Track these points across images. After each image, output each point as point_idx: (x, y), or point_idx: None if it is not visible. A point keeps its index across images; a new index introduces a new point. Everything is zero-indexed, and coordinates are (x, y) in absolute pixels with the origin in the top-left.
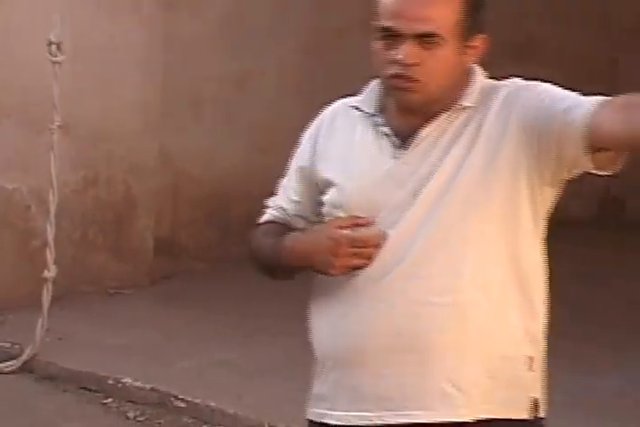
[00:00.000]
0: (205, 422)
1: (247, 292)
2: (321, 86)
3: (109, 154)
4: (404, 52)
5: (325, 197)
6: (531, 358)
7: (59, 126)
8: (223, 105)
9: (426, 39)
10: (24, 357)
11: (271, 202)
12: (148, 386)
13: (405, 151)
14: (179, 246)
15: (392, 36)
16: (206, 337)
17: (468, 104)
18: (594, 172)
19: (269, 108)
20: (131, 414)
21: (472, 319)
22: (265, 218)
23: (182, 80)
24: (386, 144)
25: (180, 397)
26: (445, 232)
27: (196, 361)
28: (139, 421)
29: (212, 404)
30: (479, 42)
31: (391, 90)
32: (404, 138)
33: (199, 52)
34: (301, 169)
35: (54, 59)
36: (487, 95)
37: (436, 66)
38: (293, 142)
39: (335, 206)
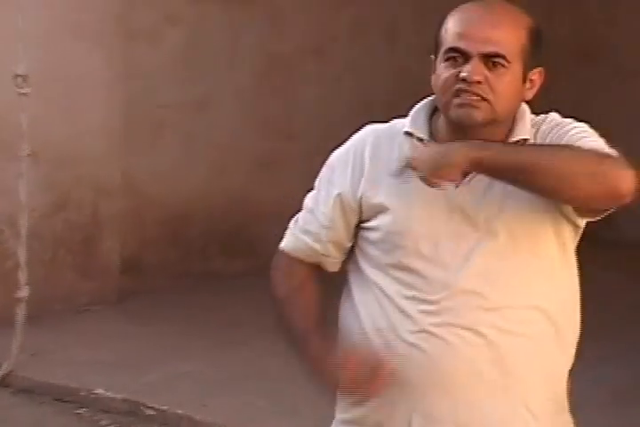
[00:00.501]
0: None
1: (209, 306)
2: (276, 111)
3: (77, 178)
4: (470, 68)
5: (379, 223)
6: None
7: (28, 155)
8: (183, 130)
9: (492, 59)
10: (1, 372)
11: (299, 226)
12: (119, 396)
13: (465, 179)
14: (143, 265)
15: (458, 57)
16: (172, 349)
17: (525, 137)
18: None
19: (227, 132)
20: (103, 423)
21: (543, 348)
22: (291, 246)
23: (143, 106)
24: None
25: (150, 405)
26: (514, 263)
27: (164, 372)
28: None
29: (180, 411)
30: (537, 75)
31: (453, 108)
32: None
33: (159, 80)
34: (340, 195)
35: (21, 91)
36: (537, 128)
37: (500, 87)
38: (250, 164)
39: (394, 233)
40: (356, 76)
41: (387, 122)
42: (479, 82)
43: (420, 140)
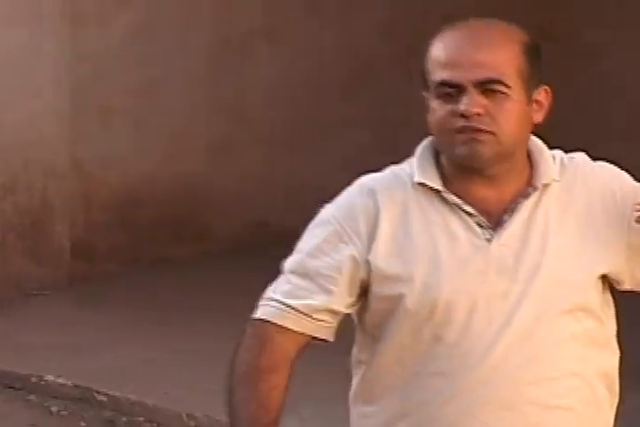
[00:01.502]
0: (125, 415)
1: (160, 291)
2: (227, 94)
3: (26, 162)
4: (467, 101)
5: (400, 291)
6: None
7: None
8: (132, 114)
9: (489, 86)
10: None
11: (290, 292)
12: (70, 382)
13: (497, 231)
14: (94, 250)
15: (451, 90)
16: (123, 334)
17: (554, 177)
18: None
19: (178, 116)
20: (54, 409)
21: (586, 416)
22: (278, 314)
23: (92, 90)
24: (471, 225)
25: (101, 391)
26: (557, 326)
27: (116, 357)
28: (62, 415)
29: (131, 397)
30: (543, 94)
31: (457, 148)
32: (484, 213)
33: (109, 64)
34: (350, 260)
35: None
36: (566, 168)
37: (503, 116)
38: (201, 149)
39: (424, 302)
40: (310, 58)
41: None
42: (479, 114)
43: (436, 190)
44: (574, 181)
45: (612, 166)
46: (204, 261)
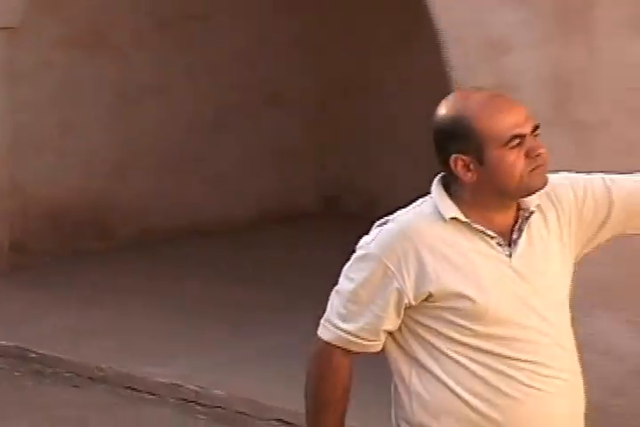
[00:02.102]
0: (50, 367)
1: (80, 276)
2: (126, 132)
3: None
4: (538, 144)
5: (454, 305)
6: None
7: None
8: (59, 146)
9: (536, 131)
10: None
11: (350, 326)
12: (11, 344)
13: (512, 247)
14: (28, 246)
15: (518, 140)
16: (52, 308)
17: (537, 202)
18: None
19: (92, 147)
20: None
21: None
22: (344, 343)
23: (27, 129)
24: (494, 245)
25: (33, 350)
26: (564, 311)
27: (46, 325)
28: (2, 368)
29: (55, 354)
30: None
31: (533, 180)
32: (499, 234)
33: (39, 110)
34: (397, 292)
35: None
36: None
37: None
38: (110, 171)
39: (477, 310)
40: (185, 105)
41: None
42: (544, 153)
43: (465, 222)
44: (545, 201)
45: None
46: (112, 254)
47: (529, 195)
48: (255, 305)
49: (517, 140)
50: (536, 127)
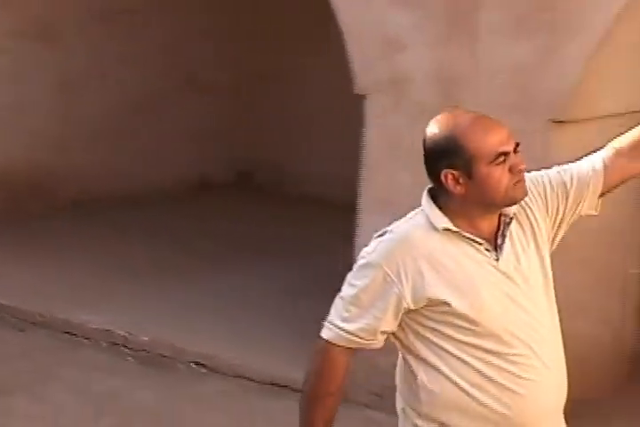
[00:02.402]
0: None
1: (28, 233)
2: (67, 111)
3: None
4: (521, 160)
5: (448, 309)
6: None
7: None
8: (7, 123)
9: (517, 148)
10: None
11: (351, 326)
12: None
13: (499, 252)
14: None
15: (503, 157)
16: (2, 263)
17: (515, 211)
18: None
19: (33, 122)
20: None
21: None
22: (345, 341)
23: None
24: (483, 251)
25: None
26: (552, 302)
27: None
28: None
29: (2, 301)
30: None
31: (513, 193)
32: (491, 244)
33: None
34: (396, 297)
35: None
36: None
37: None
38: (51, 144)
39: (472, 311)
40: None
41: None
42: (523, 169)
43: (455, 232)
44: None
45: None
46: (53, 217)
47: (512, 205)
48: (172, 265)
49: (503, 158)
50: (517, 145)
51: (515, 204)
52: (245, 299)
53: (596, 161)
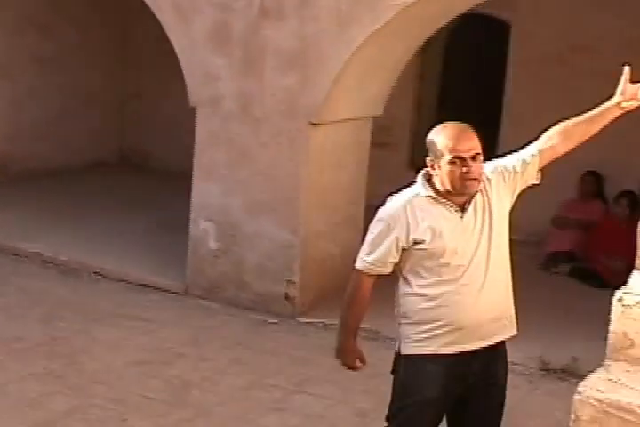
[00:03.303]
0: None
1: None
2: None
3: None
4: (472, 167)
5: (430, 247)
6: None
7: None
8: None
9: (475, 157)
10: None
11: (370, 258)
12: None
13: (465, 214)
14: None
15: (457, 160)
16: None
17: (481, 187)
18: (535, 183)
19: None
20: None
21: (510, 299)
22: (367, 270)
23: None
24: (454, 212)
25: None
26: (497, 250)
27: None
28: None
29: None
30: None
31: (464, 187)
32: (460, 207)
33: None
34: (396, 239)
35: None
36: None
37: (480, 170)
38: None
39: (443, 249)
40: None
41: None
42: (475, 171)
43: (435, 198)
44: (489, 180)
45: (490, 166)
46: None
47: (464, 195)
48: (78, 214)
49: (457, 161)
50: (477, 154)
51: (466, 195)
52: (125, 233)
53: (533, 149)
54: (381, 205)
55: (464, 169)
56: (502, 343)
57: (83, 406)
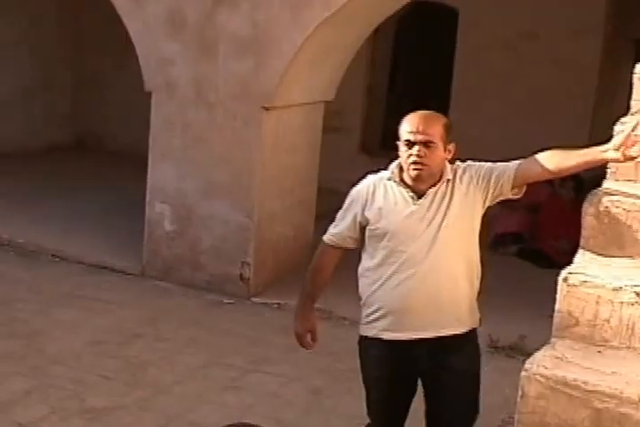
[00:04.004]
0: None
1: None
2: None
3: None
4: (418, 152)
5: (376, 227)
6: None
7: None
8: None
9: (427, 144)
10: None
11: (335, 229)
12: None
13: (419, 201)
14: None
15: (409, 144)
16: None
17: (448, 178)
18: (511, 197)
19: None
20: None
21: (466, 293)
22: (329, 240)
23: None
24: (408, 198)
25: None
26: (445, 242)
27: None
28: None
29: None
30: (452, 147)
31: (411, 171)
32: (417, 195)
33: None
34: (355, 214)
35: None
36: (455, 172)
37: (432, 158)
38: None
39: (385, 231)
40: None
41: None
42: (421, 157)
43: (396, 182)
44: (461, 177)
45: (470, 163)
46: None
47: (418, 181)
48: (34, 196)
49: (407, 143)
50: (430, 142)
51: (414, 180)
52: (82, 216)
53: (515, 165)
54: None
55: (412, 153)
56: (454, 337)
57: (42, 386)
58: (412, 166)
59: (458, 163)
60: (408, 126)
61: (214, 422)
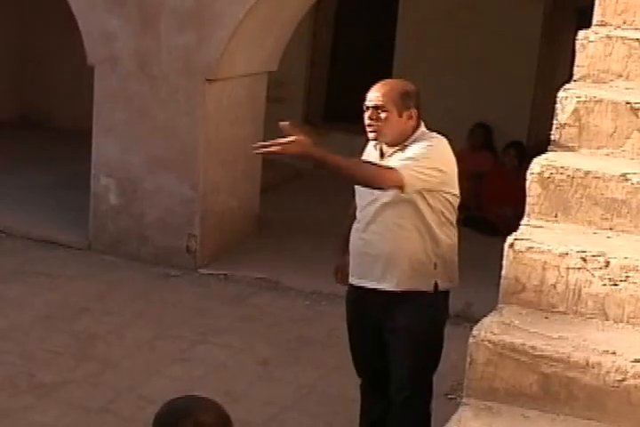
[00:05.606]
0: None
1: None
2: None
3: None
4: (370, 115)
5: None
6: (435, 263)
7: None
8: None
9: (378, 109)
10: None
11: None
12: None
13: (382, 161)
14: None
15: (367, 108)
16: None
17: (406, 144)
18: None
19: None
20: None
21: (402, 246)
22: None
23: None
24: (378, 158)
25: None
26: (391, 201)
27: None
28: None
29: None
30: (411, 113)
31: (368, 133)
32: (386, 155)
33: None
34: None
35: None
36: (415, 140)
37: (383, 122)
38: None
39: (357, 191)
40: None
41: None
42: (372, 119)
43: (375, 143)
44: (411, 145)
45: (426, 143)
46: None
47: (373, 140)
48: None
49: (365, 107)
50: (378, 106)
51: (373, 140)
52: (27, 191)
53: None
54: None
55: (366, 116)
56: (399, 294)
57: None
58: (367, 129)
59: (433, 134)
60: (369, 93)
61: (164, 396)
